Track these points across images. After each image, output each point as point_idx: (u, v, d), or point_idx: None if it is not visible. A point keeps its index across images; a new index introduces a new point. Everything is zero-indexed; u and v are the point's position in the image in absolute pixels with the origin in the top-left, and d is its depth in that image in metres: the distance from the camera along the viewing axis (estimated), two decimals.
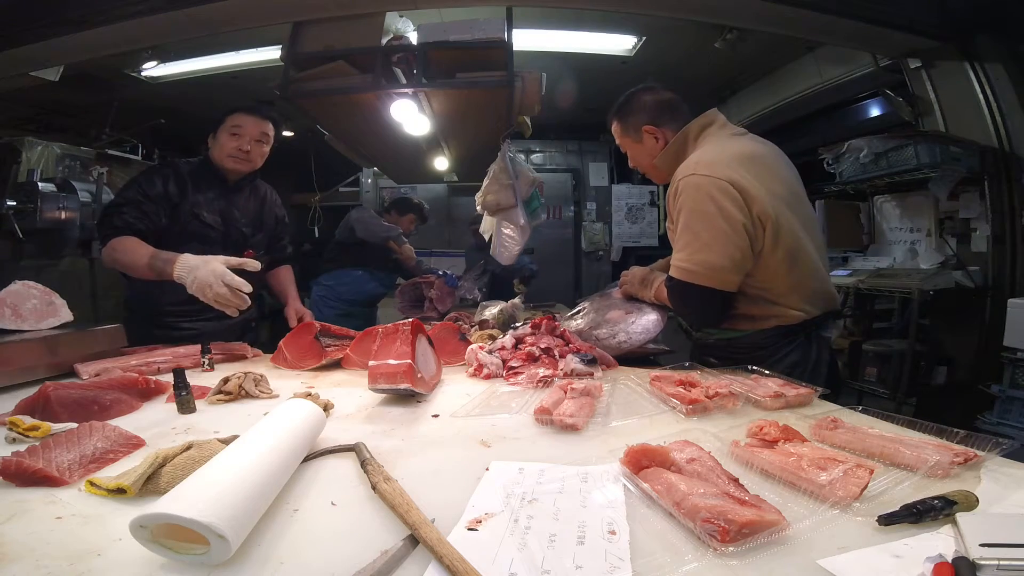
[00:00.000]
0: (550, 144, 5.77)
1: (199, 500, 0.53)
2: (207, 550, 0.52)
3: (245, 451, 0.66)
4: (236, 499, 0.55)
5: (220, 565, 0.53)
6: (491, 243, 2.68)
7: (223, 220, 1.89)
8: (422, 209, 3.71)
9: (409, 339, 1.16)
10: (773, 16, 2.48)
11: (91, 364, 1.32)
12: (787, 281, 1.31)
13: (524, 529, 0.59)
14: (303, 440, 0.78)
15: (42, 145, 3.41)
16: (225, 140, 1.85)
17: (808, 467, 0.68)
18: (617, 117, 1.57)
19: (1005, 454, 0.74)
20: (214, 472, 0.60)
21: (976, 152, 2.55)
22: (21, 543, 0.57)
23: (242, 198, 1.97)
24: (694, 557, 0.53)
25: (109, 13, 2.25)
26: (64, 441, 0.80)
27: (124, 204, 1.72)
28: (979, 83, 2.57)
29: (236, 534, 0.52)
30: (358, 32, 2.21)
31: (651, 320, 1.55)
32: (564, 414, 0.94)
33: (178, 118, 4.23)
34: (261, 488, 0.61)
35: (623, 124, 1.55)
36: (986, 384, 2.36)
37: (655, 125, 1.49)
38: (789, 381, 1.13)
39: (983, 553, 0.49)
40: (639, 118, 1.51)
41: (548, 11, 3.00)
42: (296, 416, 0.81)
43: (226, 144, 1.85)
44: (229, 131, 1.85)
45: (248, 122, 1.86)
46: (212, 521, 0.50)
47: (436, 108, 2.45)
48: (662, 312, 1.56)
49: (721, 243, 1.25)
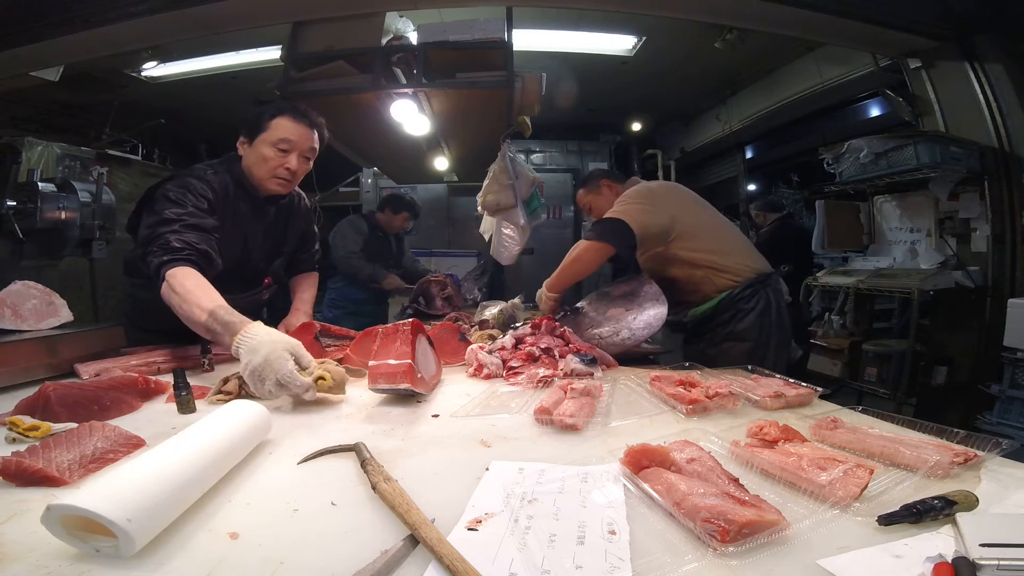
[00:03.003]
0: (550, 144, 5.76)
1: (106, 495, 0.56)
2: (115, 543, 0.54)
3: (168, 451, 0.67)
4: (143, 496, 0.57)
5: (220, 564, 0.54)
6: (491, 243, 2.68)
7: (246, 241, 1.59)
8: (414, 206, 3.62)
9: (409, 339, 1.16)
10: (773, 16, 2.48)
11: (91, 364, 1.32)
12: (720, 252, 1.76)
13: (524, 529, 0.59)
14: (239, 441, 0.78)
15: (42, 145, 3.42)
16: (269, 155, 1.50)
17: (808, 467, 0.68)
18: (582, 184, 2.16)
19: (1005, 454, 0.74)
20: (129, 470, 0.61)
21: (976, 152, 2.56)
22: (21, 543, 0.57)
23: (270, 214, 1.65)
24: (694, 557, 0.53)
25: (109, 13, 2.25)
26: (64, 441, 0.80)
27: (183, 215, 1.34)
28: (979, 83, 2.57)
29: (138, 528, 0.54)
30: (358, 32, 2.21)
31: (652, 314, 1.57)
32: (564, 414, 0.94)
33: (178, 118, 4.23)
34: (175, 487, 0.61)
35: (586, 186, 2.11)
36: (986, 384, 2.36)
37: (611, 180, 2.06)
38: (789, 381, 1.13)
39: (983, 553, 0.49)
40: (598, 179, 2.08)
41: (548, 11, 3.01)
42: (234, 417, 0.81)
43: (271, 160, 1.50)
44: (275, 144, 1.49)
45: (298, 134, 1.51)
46: (113, 515, 0.52)
47: (436, 108, 2.45)
48: (661, 306, 1.60)
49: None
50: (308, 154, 1.56)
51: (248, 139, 1.53)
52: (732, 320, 1.72)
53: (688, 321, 1.82)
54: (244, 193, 1.56)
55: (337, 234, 3.40)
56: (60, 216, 3.12)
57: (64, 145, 3.56)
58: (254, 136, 1.51)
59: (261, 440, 0.86)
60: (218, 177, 1.51)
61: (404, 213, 3.49)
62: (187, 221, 1.34)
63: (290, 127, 1.50)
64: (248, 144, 1.53)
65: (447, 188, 5.42)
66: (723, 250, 1.77)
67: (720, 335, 1.74)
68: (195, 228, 1.35)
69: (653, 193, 1.83)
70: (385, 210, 3.51)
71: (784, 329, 1.79)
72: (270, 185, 1.54)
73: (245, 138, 1.54)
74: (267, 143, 1.50)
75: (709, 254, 1.75)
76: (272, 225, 1.68)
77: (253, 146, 1.52)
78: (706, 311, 1.76)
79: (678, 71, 4.05)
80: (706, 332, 1.78)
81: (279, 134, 1.49)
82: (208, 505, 0.66)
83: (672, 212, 1.76)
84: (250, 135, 1.52)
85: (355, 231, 3.37)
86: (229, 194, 1.52)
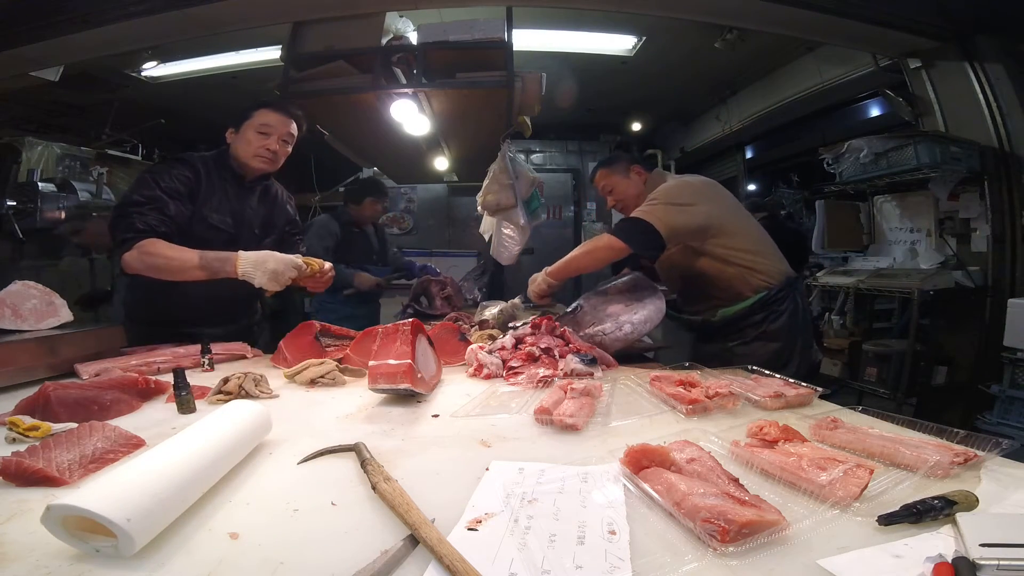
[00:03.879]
0: (550, 144, 5.77)
1: (106, 495, 0.56)
2: (115, 543, 0.54)
3: (167, 451, 0.67)
4: (143, 496, 0.57)
5: (219, 564, 0.54)
6: (491, 243, 2.68)
7: (234, 222, 1.76)
8: (376, 188, 3.13)
9: (409, 339, 1.16)
10: (773, 16, 2.48)
11: (91, 364, 1.32)
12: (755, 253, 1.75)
13: (524, 529, 0.59)
14: (239, 441, 0.78)
15: (42, 145, 3.42)
16: (252, 138, 1.73)
17: (808, 467, 0.68)
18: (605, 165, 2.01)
19: (1005, 454, 0.74)
20: (129, 470, 0.61)
21: (976, 152, 2.55)
22: (21, 543, 0.57)
23: (254, 198, 1.85)
24: (694, 557, 0.53)
25: (109, 13, 2.25)
26: (64, 441, 0.80)
27: (144, 203, 1.56)
28: (979, 83, 2.57)
29: (138, 528, 0.54)
30: (358, 32, 2.21)
31: (652, 309, 1.58)
32: (564, 414, 0.94)
33: (178, 118, 4.23)
34: (175, 487, 0.61)
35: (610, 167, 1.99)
36: (986, 384, 2.36)
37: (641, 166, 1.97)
38: (789, 381, 1.13)
39: (983, 553, 0.49)
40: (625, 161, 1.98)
41: (548, 11, 3.00)
42: (234, 418, 0.81)
43: (253, 142, 1.73)
44: (257, 129, 1.73)
45: (277, 120, 1.75)
46: (113, 515, 0.52)
47: (436, 108, 2.45)
48: (660, 300, 1.61)
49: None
50: (286, 138, 1.79)
51: (235, 128, 1.77)
52: (765, 321, 1.71)
53: (717, 320, 1.78)
54: (231, 175, 1.78)
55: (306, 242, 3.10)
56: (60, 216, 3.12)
57: (64, 145, 3.57)
58: (240, 124, 1.76)
59: (261, 440, 0.86)
60: (204, 161, 1.74)
61: (367, 199, 3.04)
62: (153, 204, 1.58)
63: (270, 115, 1.75)
64: (235, 132, 1.77)
65: (447, 188, 5.43)
66: (758, 251, 1.76)
67: (751, 335, 1.72)
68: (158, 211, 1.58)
69: (689, 190, 1.76)
70: (348, 204, 3.10)
71: (809, 332, 1.81)
72: (254, 163, 1.76)
73: (233, 128, 1.78)
74: (251, 128, 1.74)
75: (746, 253, 1.73)
76: (257, 207, 1.87)
77: (240, 133, 1.76)
78: (740, 310, 1.73)
79: (678, 71, 4.05)
80: (734, 331, 1.76)
81: (261, 120, 1.74)
82: (208, 505, 0.66)
83: (708, 210, 1.72)
84: (236, 124, 1.77)
85: (323, 234, 2.93)
86: (212, 176, 1.74)
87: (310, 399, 1.18)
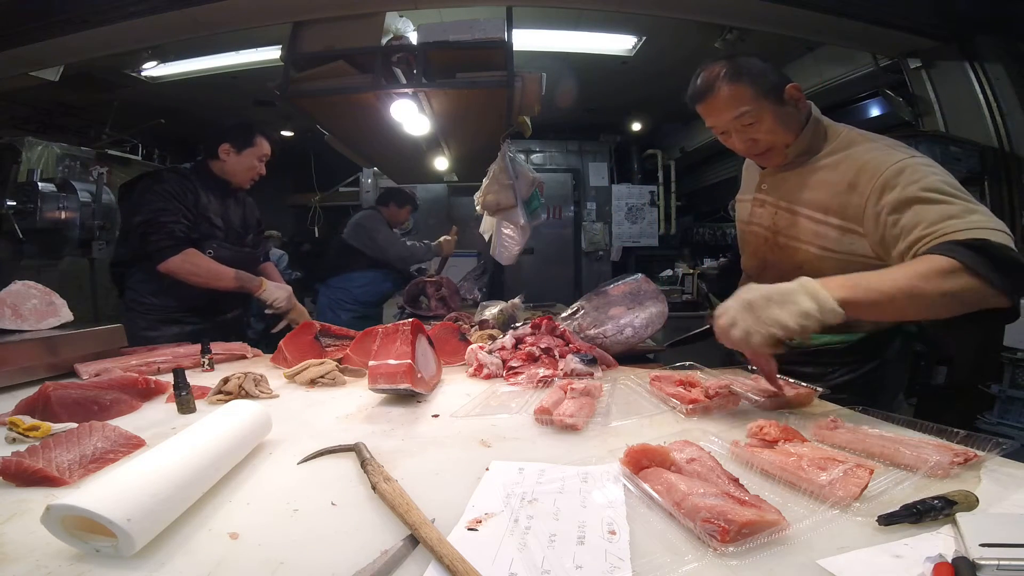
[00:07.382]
0: (550, 144, 5.77)
1: (106, 495, 0.56)
2: (115, 543, 0.54)
3: (168, 451, 0.67)
4: (143, 496, 0.57)
5: (220, 564, 0.54)
6: (491, 243, 2.68)
7: (224, 221, 2.03)
8: (415, 200, 3.71)
9: (409, 339, 1.16)
10: (773, 16, 2.48)
11: (91, 364, 1.32)
12: None
13: (524, 529, 0.59)
14: (239, 441, 0.78)
15: (42, 145, 3.42)
16: (254, 164, 2.03)
17: (808, 467, 0.68)
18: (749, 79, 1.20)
19: (1005, 454, 0.74)
20: (129, 470, 0.61)
21: (976, 152, 2.55)
22: (21, 543, 0.57)
23: (232, 202, 2.12)
24: (694, 557, 0.53)
25: (109, 13, 2.25)
26: (64, 441, 0.80)
27: (175, 215, 1.83)
28: (979, 83, 2.57)
29: (138, 528, 0.54)
30: (358, 32, 2.21)
31: (654, 312, 1.57)
32: (564, 414, 0.94)
33: (178, 118, 4.23)
34: (175, 487, 0.62)
35: (758, 85, 1.18)
36: (986, 384, 2.36)
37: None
38: (789, 381, 1.13)
39: (983, 553, 0.49)
40: (779, 77, 1.21)
41: (548, 11, 3.01)
42: (234, 417, 0.81)
43: (254, 169, 2.04)
44: (258, 157, 2.03)
45: (268, 150, 2.06)
46: (112, 515, 0.52)
47: (436, 108, 2.45)
48: (662, 304, 1.60)
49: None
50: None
51: (236, 149, 1.98)
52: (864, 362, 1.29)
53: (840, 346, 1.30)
54: (215, 183, 2.01)
55: (368, 233, 3.30)
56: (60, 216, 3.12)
57: (64, 145, 3.57)
58: (243, 148, 1.99)
59: (261, 440, 0.86)
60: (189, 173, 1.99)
61: (408, 207, 3.55)
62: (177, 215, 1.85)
63: (266, 145, 2.06)
64: (236, 153, 1.99)
65: (447, 188, 5.42)
66: None
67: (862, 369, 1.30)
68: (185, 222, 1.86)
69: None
70: (390, 204, 3.48)
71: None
72: (246, 183, 2.07)
73: (232, 147, 1.98)
74: (255, 156, 2.02)
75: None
76: (235, 209, 2.13)
77: (241, 155, 1.99)
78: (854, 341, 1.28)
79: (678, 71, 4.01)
80: (846, 364, 1.32)
81: (263, 150, 2.04)
82: (208, 505, 0.66)
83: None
84: (239, 147, 1.99)
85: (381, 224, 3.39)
86: (208, 184, 1.99)
87: (310, 399, 1.18)
